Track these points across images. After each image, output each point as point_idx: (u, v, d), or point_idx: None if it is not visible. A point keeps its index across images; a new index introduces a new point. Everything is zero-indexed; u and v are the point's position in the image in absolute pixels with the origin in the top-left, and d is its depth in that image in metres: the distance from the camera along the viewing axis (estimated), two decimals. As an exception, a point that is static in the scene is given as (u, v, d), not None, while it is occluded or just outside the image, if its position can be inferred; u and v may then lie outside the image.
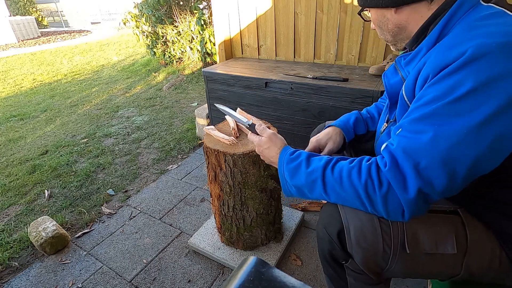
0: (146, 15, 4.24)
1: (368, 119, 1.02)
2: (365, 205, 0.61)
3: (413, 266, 0.67)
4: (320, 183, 0.66)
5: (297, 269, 1.29)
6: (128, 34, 8.85)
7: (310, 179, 0.67)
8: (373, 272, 0.68)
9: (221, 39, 2.46)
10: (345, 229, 0.66)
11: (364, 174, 0.60)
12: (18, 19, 10.57)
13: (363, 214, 0.65)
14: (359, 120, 1.01)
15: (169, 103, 3.50)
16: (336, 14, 1.94)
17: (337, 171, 0.64)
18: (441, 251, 0.64)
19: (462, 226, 0.65)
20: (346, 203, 0.65)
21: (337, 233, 0.67)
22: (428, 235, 0.64)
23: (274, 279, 0.38)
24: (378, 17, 0.73)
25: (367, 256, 0.65)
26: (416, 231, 0.65)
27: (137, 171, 2.13)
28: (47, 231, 1.43)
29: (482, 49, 0.51)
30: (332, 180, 0.64)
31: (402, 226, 0.64)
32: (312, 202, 1.65)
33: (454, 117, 0.53)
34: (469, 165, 0.53)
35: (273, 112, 1.90)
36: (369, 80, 1.66)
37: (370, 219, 0.64)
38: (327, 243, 0.71)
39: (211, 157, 1.12)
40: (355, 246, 0.65)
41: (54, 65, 6.35)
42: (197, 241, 1.39)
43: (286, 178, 0.73)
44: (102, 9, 15.26)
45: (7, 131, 3.13)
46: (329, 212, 0.71)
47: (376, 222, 0.64)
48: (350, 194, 0.62)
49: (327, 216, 0.72)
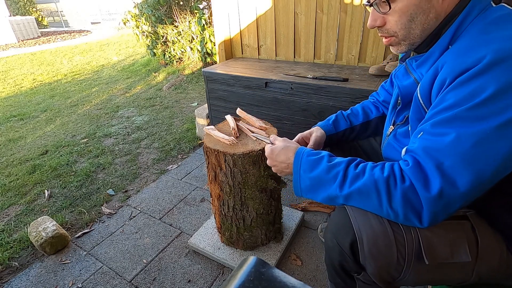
0: (146, 15, 4.24)
1: (351, 115, 1.04)
2: (381, 200, 0.59)
3: (427, 276, 0.65)
4: (341, 176, 0.64)
5: (297, 269, 1.29)
6: (128, 34, 8.85)
7: (331, 173, 0.66)
8: (384, 282, 0.67)
9: (221, 39, 2.46)
10: (358, 240, 0.64)
11: (387, 170, 0.60)
12: (18, 19, 10.57)
13: (376, 224, 0.63)
14: (340, 117, 1.04)
15: (169, 103, 3.50)
16: (336, 14, 1.94)
17: (360, 167, 0.64)
18: (456, 259, 0.62)
19: (472, 231, 0.64)
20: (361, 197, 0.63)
21: (350, 244, 0.65)
22: (443, 243, 0.63)
23: (274, 279, 0.38)
24: (420, 3, 0.63)
25: (381, 268, 0.64)
26: (431, 240, 0.62)
27: (137, 171, 2.13)
28: (47, 231, 1.43)
29: (501, 54, 0.52)
30: (353, 173, 0.63)
31: (416, 235, 0.62)
32: (312, 202, 1.65)
33: (476, 120, 0.53)
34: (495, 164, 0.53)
35: (273, 112, 1.90)
36: (369, 80, 1.66)
37: (383, 228, 0.62)
38: (338, 254, 0.69)
39: (211, 157, 1.12)
40: (369, 258, 0.63)
41: (54, 65, 6.35)
42: (197, 241, 1.39)
43: (302, 170, 0.71)
44: (102, 9, 15.25)
45: (7, 131, 3.13)
46: (339, 221, 0.69)
47: (390, 232, 0.62)
48: (368, 187, 0.61)
49: (337, 225, 0.69)
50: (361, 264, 0.66)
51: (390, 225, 0.63)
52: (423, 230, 0.62)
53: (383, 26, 0.70)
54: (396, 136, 0.80)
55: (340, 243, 0.67)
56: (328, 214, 1.59)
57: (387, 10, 0.66)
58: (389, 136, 0.83)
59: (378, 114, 1.03)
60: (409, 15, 0.65)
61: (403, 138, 0.78)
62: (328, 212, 1.59)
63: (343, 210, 0.69)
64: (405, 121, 0.77)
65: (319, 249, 1.38)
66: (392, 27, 0.68)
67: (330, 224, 0.73)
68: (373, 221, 0.64)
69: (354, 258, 0.66)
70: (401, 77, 0.77)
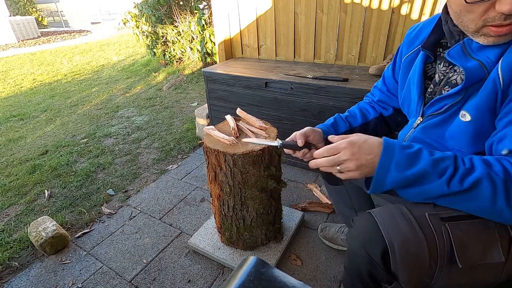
0: (146, 15, 4.24)
1: (349, 117, 1.00)
2: (495, 198, 0.54)
3: (458, 279, 0.62)
4: (451, 171, 0.57)
5: (297, 269, 1.29)
6: (128, 34, 8.85)
7: (438, 167, 0.58)
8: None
9: (221, 39, 2.46)
10: (389, 249, 0.60)
11: (497, 167, 0.55)
12: (18, 19, 10.57)
13: (406, 228, 0.60)
14: (338, 119, 0.99)
15: (169, 103, 3.50)
16: (336, 14, 1.94)
17: (468, 161, 0.58)
18: (489, 260, 0.59)
19: (504, 229, 0.61)
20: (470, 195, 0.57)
21: (381, 253, 0.62)
22: (475, 244, 0.60)
23: (274, 279, 0.39)
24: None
25: (413, 275, 0.61)
26: (463, 241, 0.60)
27: (137, 171, 2.13)
28: (47, 231, 1.43)
29: None
30: (464, 169, 0.57)
31: (448, 236, 0.60)
32: (312, 202, 1.65)
33: None
34: None
35: (273, 112, 1.90)
36: (369, 80, 1.66)
37: (414, 233, 0.60)
38: (366, 262, 0.66)
39: (211, 157, 1.12)
40: (401, 266, 0.60)
41: (54, 65, 6.35)
42: (197, 241, 1.39)
43: (395, 164, 0.60)
44: (102, 9, 15.26)
45: (7, 131, 3.13)
46: (366, 228, 0.65)
47: (421, 235, 0.60)
48: (483, 184, 0.55)
49: (365, 233, 0.66)
50: (392, 273, 0.63)
51: (420, 228, 0.60)
52: (455, 232, 0.60)
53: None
54: (425, 128, 0.75)
55: (370, 252, 0.64)
56: (328, 214, 1.59)
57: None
58: (415, 128, 0.77)
59: (376, 114, 1.01)
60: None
61: (435, 129, 0.73)
62: (328, 212, 1.59)
63: (368, 216, 0.66)
64: (447, 110, 0.70)
65: (319, 249, 1.38)
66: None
67: (356, 232, 0.69)
68: (403, 226, 0.61)
69: (385, 267, 0.63)
70: (459, 57, 0.67)
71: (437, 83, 0.75)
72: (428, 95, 0.77)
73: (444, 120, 0.71)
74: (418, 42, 0.83)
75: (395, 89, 0.96)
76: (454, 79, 0.70)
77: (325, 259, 1.33)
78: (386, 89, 1.00)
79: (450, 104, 0.69)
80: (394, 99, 0.98)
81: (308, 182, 1.87)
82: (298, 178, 1.92)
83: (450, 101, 0.69)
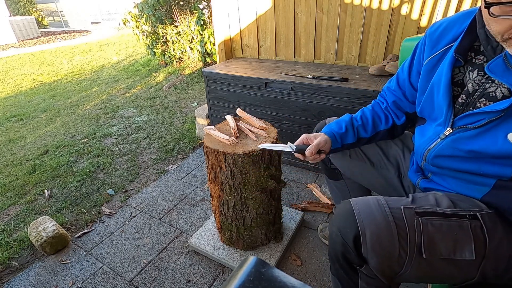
0: (146, 15, 4.24)
1: (360, 128, 0.95)
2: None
3: (428, 271, 0.65)
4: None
5: (297, 269, 1.29)
6: (128, 34, 8.86)
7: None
8: (387, 276, 0.67)
9: (221, 39, 2.46)
10: (361, 235, 0.64)
11: None
12: (18, 19, 10.57)
13: (380, 218, 0.64)
14: (349, 128, 0.95)
15: (169, 103, 3.50)
16: (336, 14, 1.94)
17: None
18: (458, 256, 0.63)
19: (481, 231, 0.64)
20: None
21: (353, 238, 0.65)
22: (445, 240, 0.63)
23: (274, 279, 0.38)
24: None
25: (382, 261, 0.64)
26: (433, 236, 0.63)
27: (137, 171, 2.13)
28: (47, 231, 1.43)
29: None
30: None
31: (419, 230, 0.63)
32: (312, 202, 1.65)
33: None
34: None
35: (273, 112, 1.90)
36: (369, 80, 1.66)
37: (387, 223, 0.63)
38: (341, 246, 0.69)
39: (211, 157, 1.12)
40: (370, 252, 0.64)
41: (54, 65, 6.35)
42: (197, 241, 1.39)
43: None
44: (102, 9, 15.27)
45: (7, 131, 3.13)
46: (343, 215, 0.69)
47: (393, 227, 0.63)
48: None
49: (341, 219, 0.70)
50: (363, 257, 0.66)
51: (394, 219, 0.63)
52: (427, 226, 0.63)
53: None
54: (456, 140, 0.71)
55: (343, 236, 0.68)
56: (328, 214, 1.59)
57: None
58: (443, 140, 0.74)
59: (387, 126, 0.95)
60: None
61: (468, 143, 0.69)
62: (328, 212, 1.59)
63: (347, 203, 0.70)
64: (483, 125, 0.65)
65: (319, 249, 1.38)
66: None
67: (334, 217, 0.73)
68: (377, 215, 0.64)
69: (357, 252, 0.67)
70: (502, 72, 0.62)
71: (471, 93, 0.69)
72: (459, 106, 0.71)
73: (481, 135, 0.67)
74: (444, 42, 0.75)
75: (412, 95, 0.89)
76: (492, 92, 0.65)
77: (325, 259, 1.33)
78: (402, 93, 0.93)
79: (488, 119, 0.64)
80: (409, 104, 0.92)
81: (308, 182, 1.87)
82: (298, 178, 1.92)
83: (489, 117, 0.64)
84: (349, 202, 0.70)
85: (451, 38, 0.74)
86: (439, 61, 0.76)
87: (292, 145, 0.90)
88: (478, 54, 0.68)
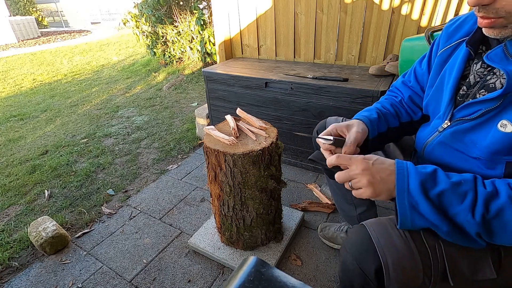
0: (146, 15, 4.24)
1: (388, 115, 0.86)
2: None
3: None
4: (471, 196, 0.53)
5: (297, 269, 1.29)
6: (128, 34, 8.86)
7: (458, 191, 0.54)
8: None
9: (221, 39, 2.46)
10: (383, 266, 0.59)
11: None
12: (18, 19, 10.58)
13: (401, 245, 0.59)
14: (381, 115, 0.85)
15: (169, 103, 3.50)
16: (336, 14, 1.94)
17: (489, 185, 0.54)
18: (480, 277, 0.59)
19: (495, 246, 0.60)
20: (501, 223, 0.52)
21: (375, 270, 0.60)
22: (466, 261, 0.59)
23: (274, 279, 0.38)
24: None
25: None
26: (455, 259, 0.59)
27: (137, 171, 2.13)
28: (47, 231, 1.43)
29: None
30: (485, 194, 0.52)
31: (441, 254, 0.59)
32: (312, 202, 1.65)
33: None
34: None
35: (273, 112, 1.91)
36: (369, 80, 1.66)
37: (409, 250, 0.59)
38: (359, 277, 0.65)
39: (211, 157, 1.12)
40: (395, 283, 0.59)
41: (54, 65, 6.35)
42: (197, 241, 1.39)
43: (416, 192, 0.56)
44: (102, 9, 15.28)
45: (7, 131, 3.13)
46: (361, 243, 0.64)
47: (416, 253, 0.59)
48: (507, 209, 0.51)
49: (359, 248, 0.64)
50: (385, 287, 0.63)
51: (415, 244, 0.59)
52: (448, 247, 0.59)
53: (490, 4, 0.54)
54: (453, 134, 0.69)
55: (363, 268, 0.63)
56: (328, 214, 1.59)
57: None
58: (441, 132, 0.71)
59: (408, 118, 0.88)
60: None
61: (465, 136, 0.66)
62: (328, 212, 1.59)
63: (362, 229, 0.65)
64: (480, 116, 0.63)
65: (319, 249, 1.38)
66: (506, 6, 0.53)
67: (349, 245, 0.67)
68: (397, 242, 0.60)
69: (378, 284, 0.62)
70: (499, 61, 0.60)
71: (472, 85, 0.67)
72: (459, 98, 0.69)
73: (477, 127, 0.65)
74: (458, 36, 0.73)
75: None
76: (492, 83, 0.63)
77: (325, 259, 1.33)
78: (420, 88, 0.87)
79: (484, 110, 0.62)
80: None
81: (308, 182, 1.87)
82: (298, 178, 1.92)
83: (485, 107, 0.62)
84: (365, 228, 0.64)
85: (466, 32, 0.71)
86: (451, 53, 0.74)
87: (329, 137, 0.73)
88: (489, 48, 0.66)
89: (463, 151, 0.68)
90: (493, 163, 0.62)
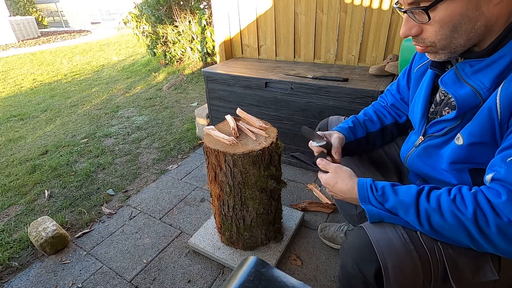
0: (146, 15, 4.24)
1: (367, 122, 0.96)
2: (473, 238, 0.53)
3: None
4: (414, 212, 0.58)
5: (297, 269, 1.29)
6: (128, 34, 8.86)
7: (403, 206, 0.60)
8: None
9: (221, 39, 2.46)
10: (383, 270, 0.60)
11: (470, 203, 0.53)
12: (18, 19, 10.57)
13: (401, 248, 0.60)
14: (356, 123, 0.95)
15: (169, 103, 3.50)
16: (336, 14, 1.94)
17: (433, 200, 0.57)
18: (482, 279, 0.59)
19: None
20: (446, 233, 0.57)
21: (374, 273, 0.61)
22: (468, 263, 0.59)
23: (274, 279, 0.38)
24: (466, 11, 0.54)
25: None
26: (456, 261, 0.59)
27: (137, 171, 2.13)
28: (47, 231, 1.43)
29: None
30: (428, 208, 0.57)
31: (441, 255, 0.60)
32: (312, 202, 1.65)
33: None
34: None
35: (273, 112, 1.90)
36: (369, 80, 1.66)
37: (408, 252, 0.59)
38: (359, 281, 0.66)
39: (211, 157, 1.12)
40: (394, 285, 0.60)
41: (54, 65, 6.35)
42: (197, 241, 1.39)
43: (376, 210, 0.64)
44: (102, 9, 15.27)
45: (7, 131, 3.13)
46: (360, 246, 0.64)
47: (415, 256, 0.59)
48: (452, 225, 0.55)
49: (358, 251, 0.65)
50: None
51: (414, 247, 0.60)
52: (447, 249, 0.59)
53: (419, 35, 0.61)
54: (426, 148, 0.74)
55: (363, 271, 0.64)
56: (328, 214, 1.59)
57: (426, 21, 0.58)
58: (417, 148, 0.77)
59: (392, 120, 0.97)
60: (452, 25, 0.56)
61: (435, 151, 0.72)
62: (328, 212, 1.59)
63: (362, 232, 0.65)
64: (446, 133, 0.68)
65: (319, 249, 1.38)
66: (431, 37, 0.60)
67: (348, 248, 0.68)
68: (397, 245, 0.60)
69: (378, 286, 0.63)
70: (452, 84, 0.65)
71: (438, 103, 0.72)
72: (430, 115, 0.74)
73: (443, 143, 0.69)
74: None
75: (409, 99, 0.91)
76: (453, 101, 0.66)
77: (325, 259, 1.33)
78: (400, 97, 0.96)
79: (449, 127, 0.67)
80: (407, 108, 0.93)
81: (308, 182, 1.87)
82: (298, 178, 1.92)
83: (449, 125, 0.67)
84: (364, 231, 0.65)
85: None
86: (424, 71, 0.79)
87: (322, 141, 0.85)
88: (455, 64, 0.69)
89: (434, 165, 0.73)
90: (458, 172, 0.67)
